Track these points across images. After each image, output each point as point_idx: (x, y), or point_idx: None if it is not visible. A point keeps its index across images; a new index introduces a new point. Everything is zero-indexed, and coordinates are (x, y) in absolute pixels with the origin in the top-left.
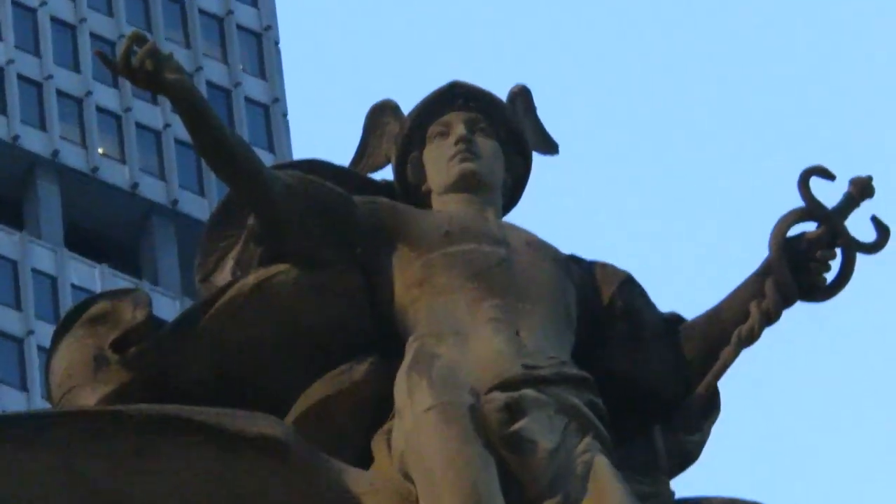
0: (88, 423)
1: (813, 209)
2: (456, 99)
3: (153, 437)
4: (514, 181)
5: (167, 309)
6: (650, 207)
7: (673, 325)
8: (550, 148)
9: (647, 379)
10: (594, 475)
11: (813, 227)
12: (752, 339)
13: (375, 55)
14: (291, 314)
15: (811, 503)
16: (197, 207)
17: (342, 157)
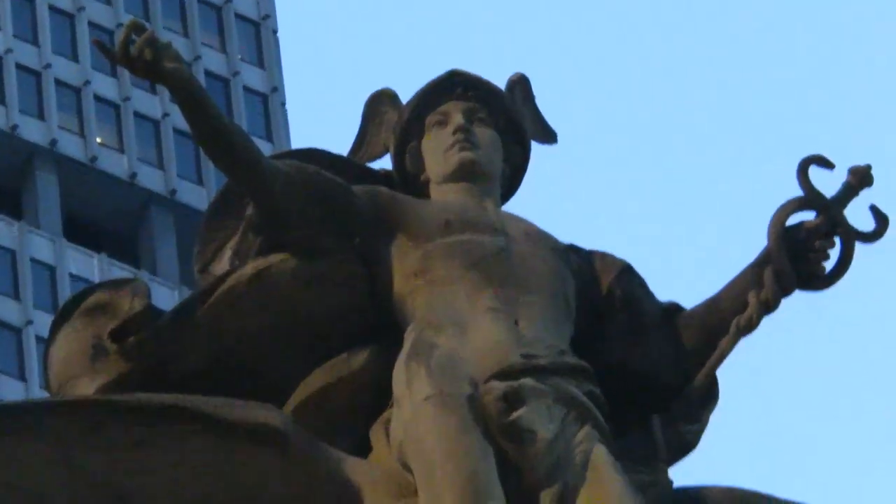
0: (87, 412)
1: (812, 198)
2: (454, 88)
3: (152, 426)
4: (512, 171)
5: (166, 299)
6: (650, 196)
7: (672, 314)
8: (549, 137)
9: (645, 368)
10: (593, 464)
11: (812, 216)
12: (750, 328)
13: (374, 44)
14: (290, 303)
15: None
16: (195, 197)
17: (341, 146)
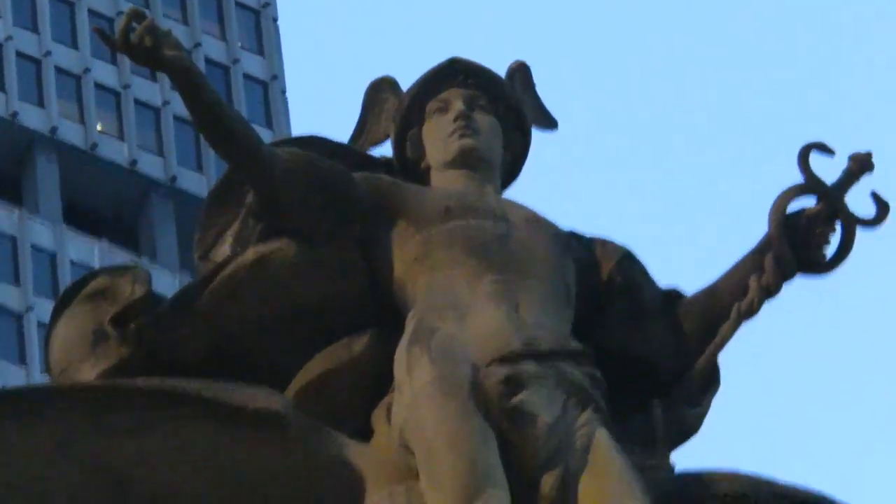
0: (87, 398)
1: (812, 185)
2: (455, 75)
3: (152, 411)
4: (513, 157)
5: (166, 285)
6: (651, 182)
7: (672, 300)
8: (549, 124)
9: (646, 353)
10: (594, 448)
11: (812, 202)
12: (751, 313)
13: (374, 32)
14: (290, 290)
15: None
16: (195, 184)
17: (341, 133)
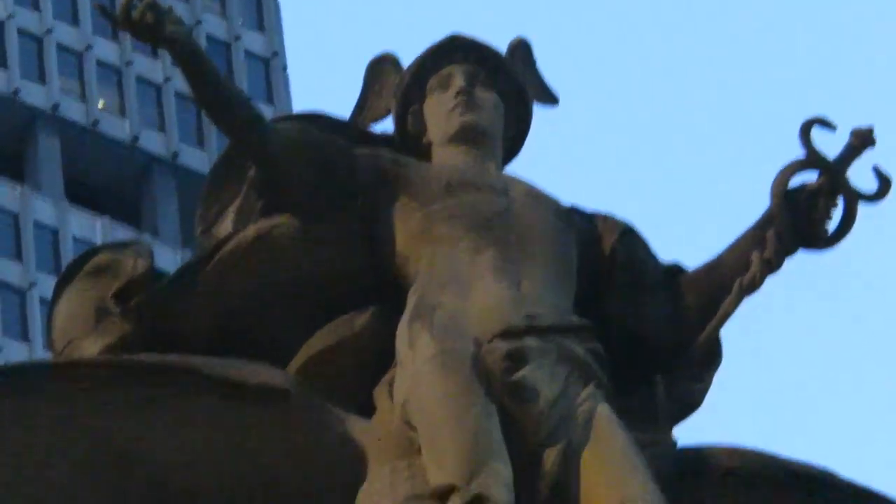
0: (91, 373)
1: (814, 160)
2: (456, 51)
3: (156, 386)
4: (514, 133)
5: (168, 261)
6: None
7: (674, 275)
8: (550, 99)
9: (648, 328)
10: (596, 423)
11: (814, 177)
12: (753, 288)
13: (375, 9)
14: (292, 265)
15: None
16: (197, 160)
17: (342, 110)
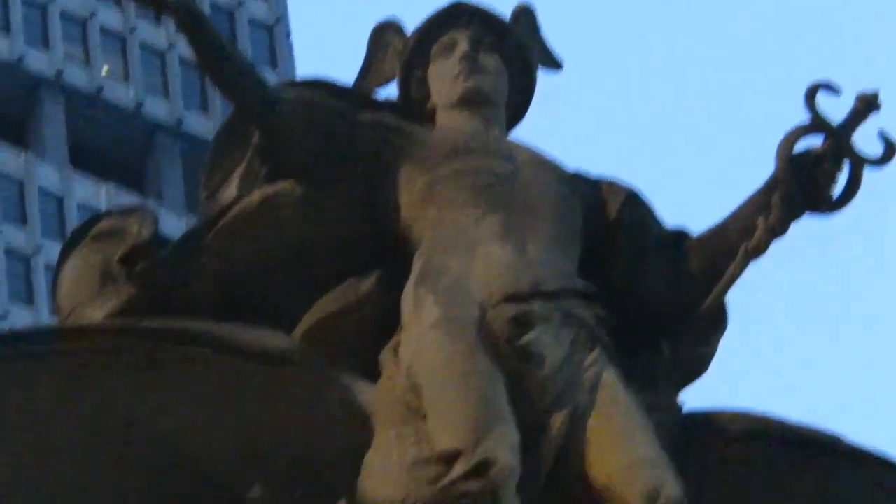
0: (97, 338)
1: (819, 124)
2: (460, 16)
3: (161, 351)
4: (518, 98)
5: (172, 226)
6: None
7: (679, 240)
8: (554, 64)
9: (653, 293)
10: (602, 387)
11: (819, 141)
12: (758, 252)
13: None
14: (296, 231)
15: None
16: (201, 126)
17: (346, 76)
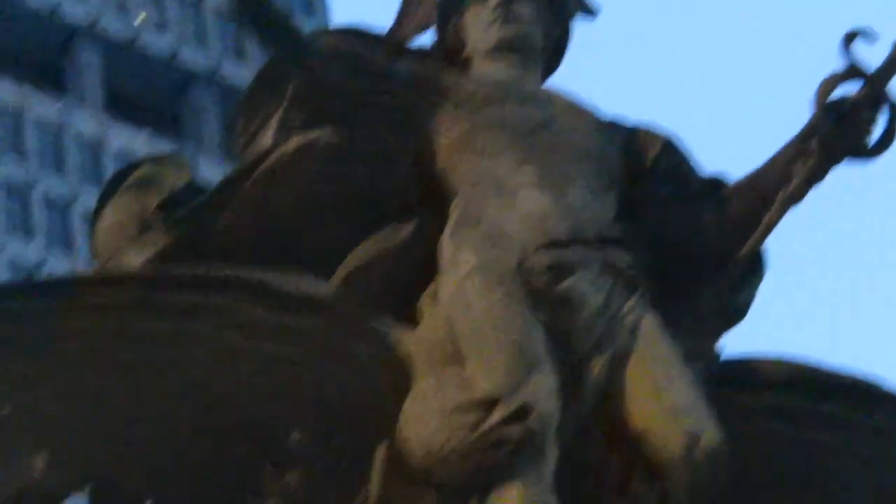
0: (135, 285)
1: (855, 71)
2: None
3: (200, 297)
4: (554, 45)
5: (210, 172)
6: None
7: (716, 187)
8: (590, 11)
9: (691, 240)
10: (642, 333)
11: (857, 88)
12: (796, 199)
13: None
14: (334, 177)
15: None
16: (237, 74)
17: (382, 24)
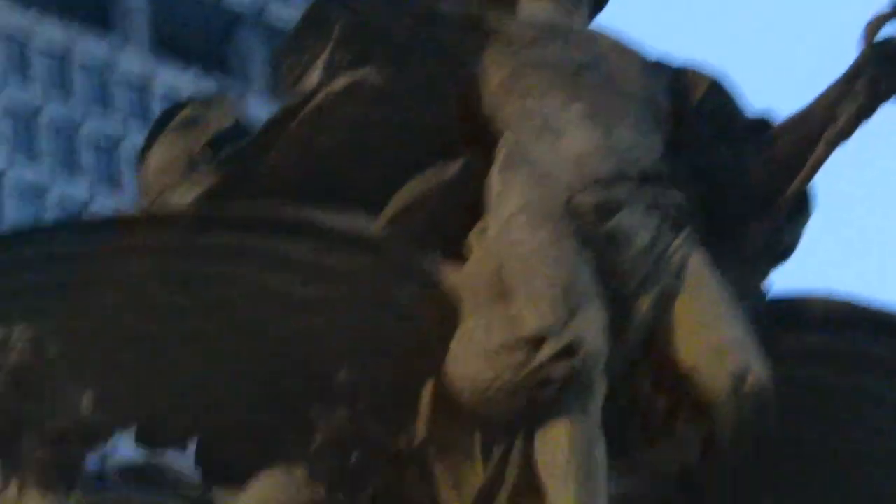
0: (184, 222)
1: None
2: None
3: (247, 235)
4: None
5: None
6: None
7: (763, 126)
8: None
9: (739, 178)
10: (689, 270)
11: None
12: (843, 138)
13: None
14: (381, 116)
15: None
16: (284, 14)
17: None
